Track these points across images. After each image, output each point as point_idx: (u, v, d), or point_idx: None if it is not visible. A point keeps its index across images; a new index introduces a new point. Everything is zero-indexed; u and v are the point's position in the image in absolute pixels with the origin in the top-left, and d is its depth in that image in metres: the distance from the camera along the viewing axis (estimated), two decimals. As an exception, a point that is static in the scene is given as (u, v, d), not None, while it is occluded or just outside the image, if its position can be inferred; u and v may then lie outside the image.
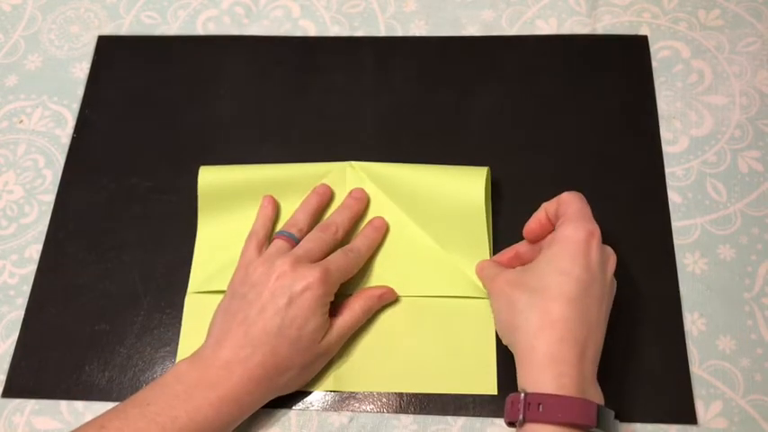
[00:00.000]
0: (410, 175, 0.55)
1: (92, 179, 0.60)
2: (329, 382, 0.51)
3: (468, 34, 0.65)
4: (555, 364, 0.42)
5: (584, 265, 0.44)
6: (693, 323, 0.52)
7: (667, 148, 0.58)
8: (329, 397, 0.51)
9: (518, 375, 0.44)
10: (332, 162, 0.57)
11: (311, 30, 0.66)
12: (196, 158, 0.59)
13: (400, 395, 0.51)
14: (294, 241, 0.52)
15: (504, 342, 0.47)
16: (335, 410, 0.51)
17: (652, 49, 0.62)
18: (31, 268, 0.57)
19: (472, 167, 0.56)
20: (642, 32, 0.63)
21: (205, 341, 0.49)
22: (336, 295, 0.51)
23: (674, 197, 0.56)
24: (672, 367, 0.51)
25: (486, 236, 0.54)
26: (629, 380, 0.50)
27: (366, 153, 0.58)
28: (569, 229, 0.45)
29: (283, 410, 0.51)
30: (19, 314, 0.55)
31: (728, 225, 0.55)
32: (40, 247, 0.58)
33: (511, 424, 0.43)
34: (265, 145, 0.60)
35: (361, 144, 0.60)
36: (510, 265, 0.51)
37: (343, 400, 0.51)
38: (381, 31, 0.65)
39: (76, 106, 0.64)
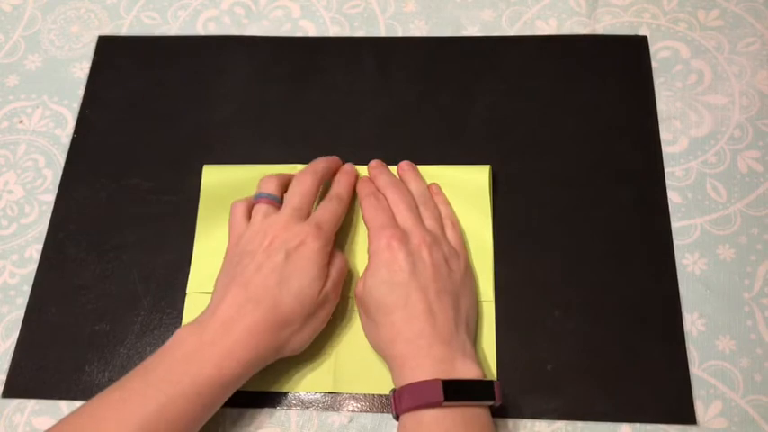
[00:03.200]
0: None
1: (92, 179, 0.60)
2: (328, 383, 0.51)
3: (469, 34, 0.65)
4: (407, 361, 0.46)
5: (397, 269, 0.48)
6: (693, 323, 0.52)
7: (667, 149, 0.58)
8: (329, 397, 0.51)
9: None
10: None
11: (311, 30, 0.66)
12: (196, 158, 0.59)
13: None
14: (277, 202, 0.52)
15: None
16: (335, 410, 0.51)
17: (652, 49, 0.62)
18: (32, 268, 0.57)
19: (474, 166, 0.57)
20: (642, 33, 0.63)
21: (204, 310, 0.49)
22: None
23: (673, 197, 0.56)
24: (671, 367, 0.51)
25: (490, 235, 0.54)
26: (628, 380, 0.51)
27: (366, 153, 0.58)
28: (372, 244, 0.50)
29: (283, 410, 0.51)
30: (19, 314, 0.55)
31: (728, 225, 0.55)
32: (40, 247, 0.58)
33: (396, 417, 0.46)
34: (265, 145, 0.60)
35: (361, 144, 0.60)
36: None
37: (343, 400, 0.51)
38: (381, 31, 0.65)
39: (76, 106, 0.64)
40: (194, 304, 0.54)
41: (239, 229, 0.52)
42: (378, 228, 0.51)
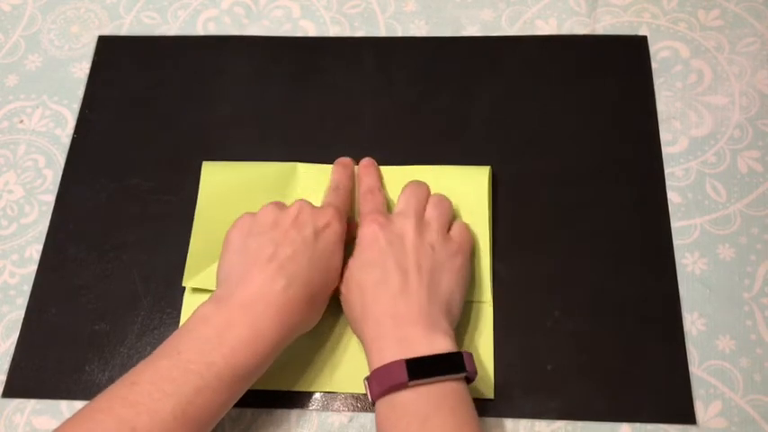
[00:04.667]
0: (412, 176, 0.55)
1: (92, 179, 0.60)
2: (326, 382, 0.51)
3: (468, 34, 0.65)
4: (375, 343, 0.46)
5: (377, 249, 0.49)
6: (693, 323, 0.52)
7: (667, 149, 0.58)
8: (329, 397, 0.51)
9: None
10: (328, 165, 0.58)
11: (311, 30, 0.66)
12: (196, 158, 0.59)
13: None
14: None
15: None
16: (335, 410, 0.51)
17: (652, 49, 0.62)
18: (32, 268, 0.57)
19: (474, 167, 0.57)
20: (642, 33, 0.63)
21: (221, 286, 0.48)
22: None
23: (673, 197, 0.56)
24: (671, 367, 0.51)
25: (489, 236, 0.54)
26: (628, 380, 0.51)
27: (366, 153, 0.58)
28: (359, 228, 0.51)
29: (283, 410, 0.51)
30: (19, 314, 0.55)
31: (728, 225, 0.55)
32: (40, 247, 0.58)
33: (373, 404, 0.46)
34: (265, 145, 0.60)
35: (361, 144, 0.60)
36: None
37: (344, 400, 0.51)
38: (381, 31, 0.65)
39: (76, 106, 0.64)
40: (193, 304, 0.54)
41: (247, 219, 0.51)
42: (366, 213, 0.52)
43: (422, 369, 0.43)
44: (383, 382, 0.44)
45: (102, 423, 0.41)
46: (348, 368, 0.52)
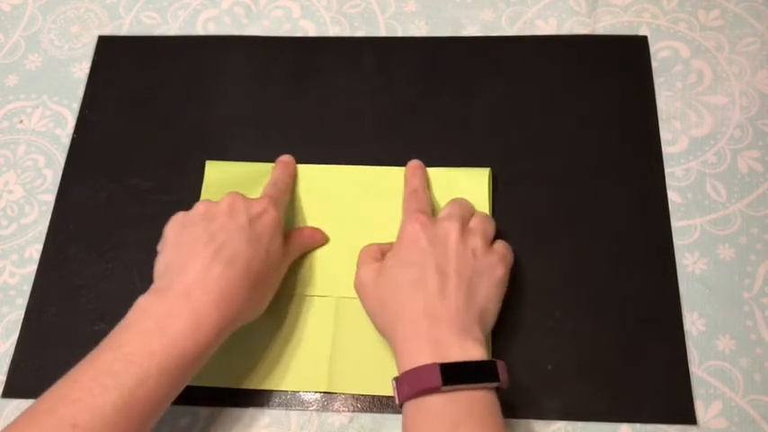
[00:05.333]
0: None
1: (92, 179, 0.60)
2: (323, 383, 0.51)
3: (468, 34, 0.65)
4: (407, 344, 0.45)
5: (418, 248, 0.48)
6: (693, 323, 0.52)
7: (667, 149, 0.58)
8: (329, 397, 0.51)
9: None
10: (330, 165, 0.58)
11: (311, 30, 0.66)
12: (196, 158, 0.59)
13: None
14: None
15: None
16: (335, 410, 0.51)
17: (652, 49, 0.62)
18: (31, 268, 0.57)
19: (474, 169, 0.57)
20: (642, 33, 0.63)
21: (159, 279, 0.48)
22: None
23: (673, 197, 0.56)
24: (671, 367, 0.51)
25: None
26: (628, 380, 0.51)
27: (366, 153, 0.58)
28: (401, 226, 0.50)
29: (283, 410, 0.51)
30: (19, 314, 0.55)
31: (728, 225, 0.55)
32: (40, 247, 0.58)
33: (400, 406, 0.45)
34: (265, 145, 0.60)
35: (362, 144, 0.60)
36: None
37: (343, 400, 0.51)
38: (381, 31, 0.65)
39: (76, 106, 0.64)
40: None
41: (180, 214, 0.51)
42: (410, 211, 0.51)
43: (456, 375, 0.43)
44: (415, 385, 0.43)
45: (43, 425, 0.41)
46: (344, 369, 0.52)
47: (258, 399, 0.51)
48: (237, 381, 0.52)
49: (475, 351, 0.44)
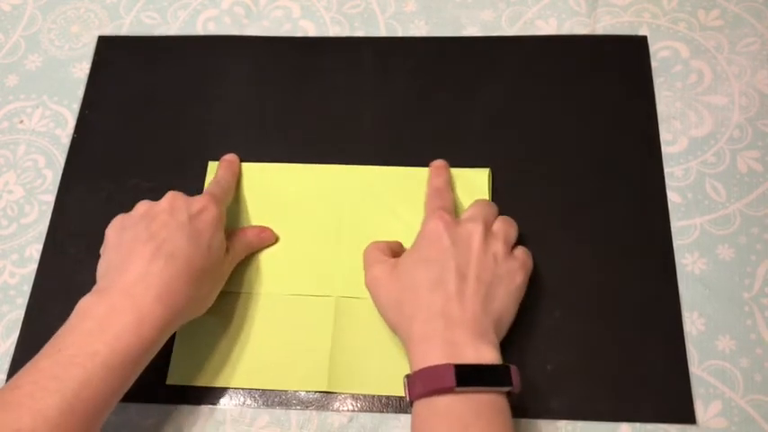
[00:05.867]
0: (412, 178, 0.56)
1: (92, 179, 0.60)
2: (323, 382, 0.51)
3: (468, 34, 0.65)
4: (422, 343, 0.45)
5: (439, 247, 0.48)
6: (693, 323, 0.52)
7: (667, 149, 0.58)
8: (329, 397, 0.51)
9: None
10: (330, 165, 0.58)
11: (311, 30, 0.66)
12: (196, 158, 0.59)
13: (400, 395, 0.51)
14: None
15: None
16: (335, 410, 0.51)
17: (652, 49, 0.62)
18: (32, 268, 0.57)
19: (474, 169, 0.57)
20: (642, 33, 0.63)
21: (101, 280, 0.48)
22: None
23: (673, 197, 0.56)
24: (671, 367, 0.51)
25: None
26: (628, 380, 0.51)
27: (366, 153, 0.58)
28: (423, 223, 0.50)
29: (283, 410, 0.51)
30: (19, 314, 0.56)
31: (728, 225, 0.55)
32: (40, 246, 0.58)
33: (410, 404, 0.45)
34: (265, 145, 0.60)
35: (362, 144, 0.60)
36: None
37: (344, 400, 0.51)
38: (381, 31, 0.65)
39: (76, 106, 0.64)
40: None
41: (120, 216, 0.51)
42: (433, 209, 0.51)
43: (470, 377, 0.43)
44: (428, 384, 0.43)
45: None
46: (343, 368, 0.52)
47: (258, 398, 0.51)
48: (238, 380, 0.52)
49: (489, 355, 0.44)
